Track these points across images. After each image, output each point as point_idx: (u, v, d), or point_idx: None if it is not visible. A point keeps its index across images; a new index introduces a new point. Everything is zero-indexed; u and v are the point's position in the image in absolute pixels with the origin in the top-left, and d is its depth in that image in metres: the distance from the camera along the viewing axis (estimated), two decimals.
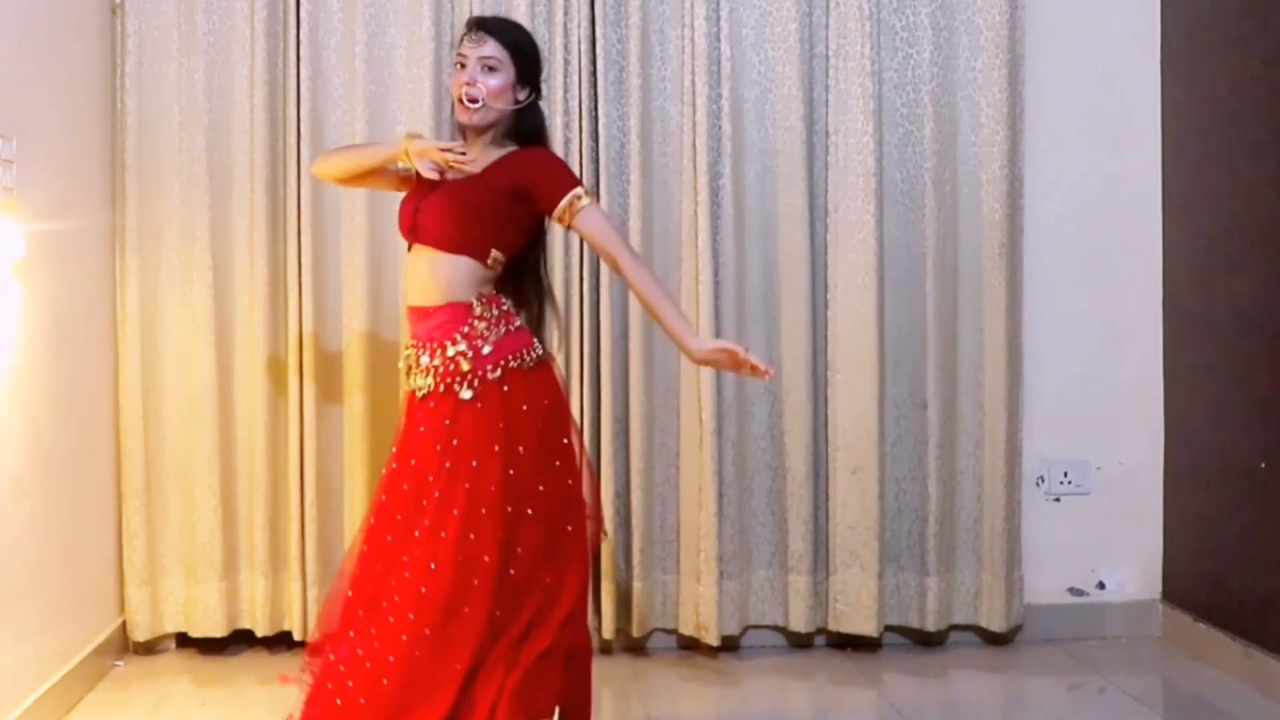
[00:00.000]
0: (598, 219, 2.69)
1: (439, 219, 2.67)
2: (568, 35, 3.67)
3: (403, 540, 2.63)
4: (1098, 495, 3.91)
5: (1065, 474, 3.90)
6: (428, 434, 2.66)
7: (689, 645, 3.77)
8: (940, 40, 3.74)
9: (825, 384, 3.75)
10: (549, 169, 2.71)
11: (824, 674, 3.63)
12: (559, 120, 3.65)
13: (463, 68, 2.69)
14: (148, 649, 3.71)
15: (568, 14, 3.67)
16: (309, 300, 3.66)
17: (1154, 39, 3.89)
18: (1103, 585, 3.93)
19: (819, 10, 3.73)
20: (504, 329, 2.67)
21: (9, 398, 2.96)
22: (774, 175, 3.73)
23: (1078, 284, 3.89)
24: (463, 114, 2.69)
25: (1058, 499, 3.91)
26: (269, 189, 3.65)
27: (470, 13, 3.64)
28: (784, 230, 3.73)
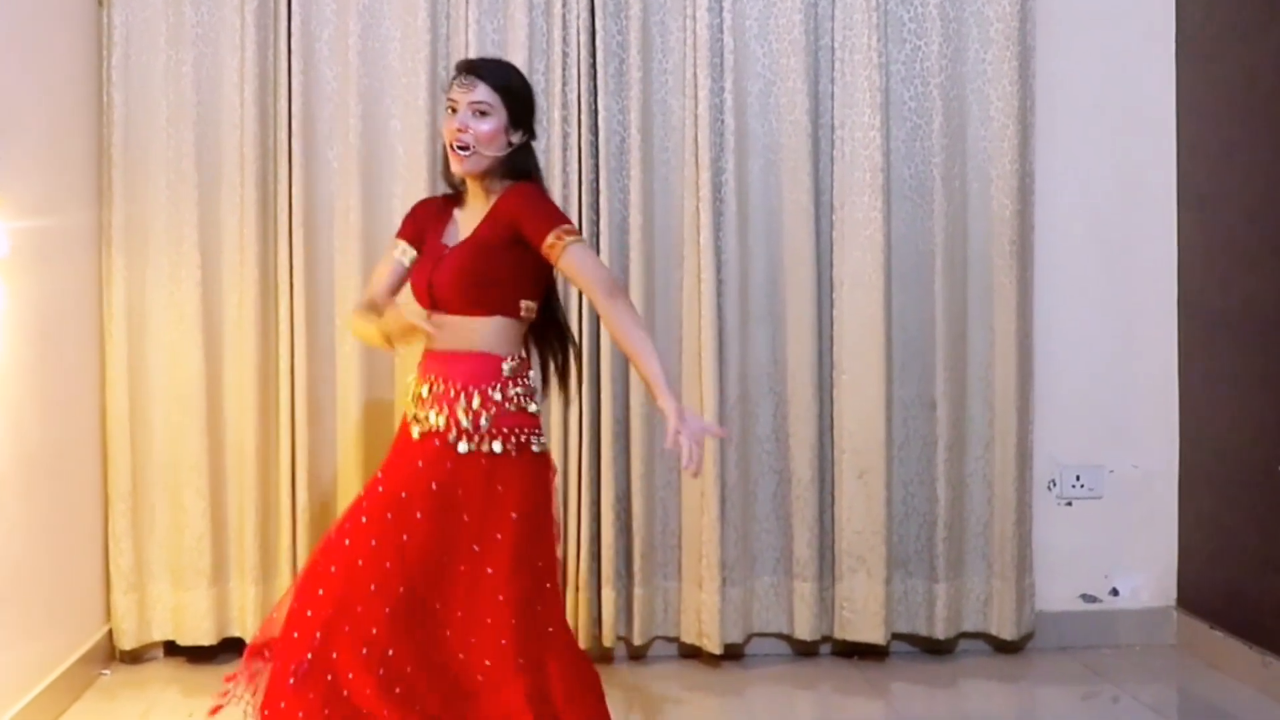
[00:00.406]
0: (584, 258, 2.62)
1: (457, 291, 2.65)
2: (566, 26, 3.64)
3: (372, 563, 2.57)
4: (1111, 499, 3.90)
5: (1078, 477, 3.89)
6: (424, 472, 2.61)
7: (691, 654, 3.75)
8: (949, 32, 3.73)
9: (831, 385, 3.74)
10: (534, 204, 2.67)
11: (830, 683, 3.61)
12: (557, 114, 3.63)
13: (454, 113, 2.67)
14: (135, 657, 3.70)
15: (566, 5, 3.65)
16: (300, 300, 3.64)
17: (1169, 30, 3.87)
18: (1116, 592, 3.91)
19: (824, 1, 3.71)
20: (527, 403, 2.66)
21: None
22: (778, 171, 3.72)
23: (1090, 282, 3.88)
24: (455, 163, 2.67)
25: (1070, 503, 3.90)
26: (259, 185, 3.63)
27: (467, 4, 3.67)
28: (788, 227, 3.71)
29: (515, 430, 2.63)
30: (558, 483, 2.93)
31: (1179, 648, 3.84)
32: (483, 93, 2.66)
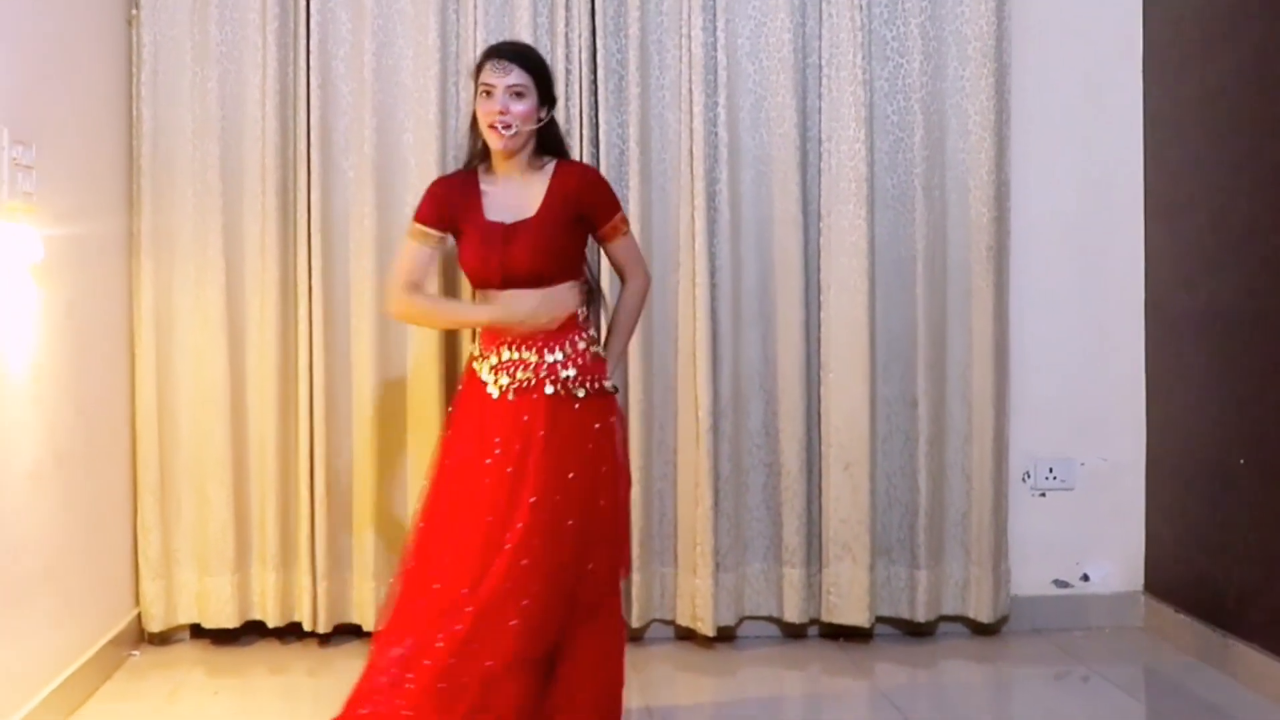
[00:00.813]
0: (634, 246, 2.95)
1: (535, 268, 2.79)
2: (569, 45, 3.66)
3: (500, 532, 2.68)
4: (1082, 490, 3.91)
5: (1051, 470, 3.90)
6: (517, 430, 2.72)
7: (686, 636, 3.76)
8: (929, 50, 3.73)
9: (818, 383, 3.74)
10: (600, 189, 2.90)
11: (817, 664, 3.62)
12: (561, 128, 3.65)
13: (489, 95, 2.78)
14: (162, 640, 3.71)
15: (569, 24, 3.66)
16: (319, 302, 3.65)
17: (1136, 49, 3.89)
18: (1087, 577, 3.92)
19: (812, 21, 3.72)
20: (598, 348, 2.85)
21: (28, 397, 2.95)
22: (769, 181, 3.72)
23: (1063, 285, 3.89)
24: (497, 140, 2.79)
25: (1043, 494, 3.90)
26: (280, 194, 3.64)
27: (475, 25, 3.65)
28: (778, 234, 3.72)
29: (594, 375, 2.79)
30: None
31: (1146, 630, 3.85)
32: (517, 76, 2.78)
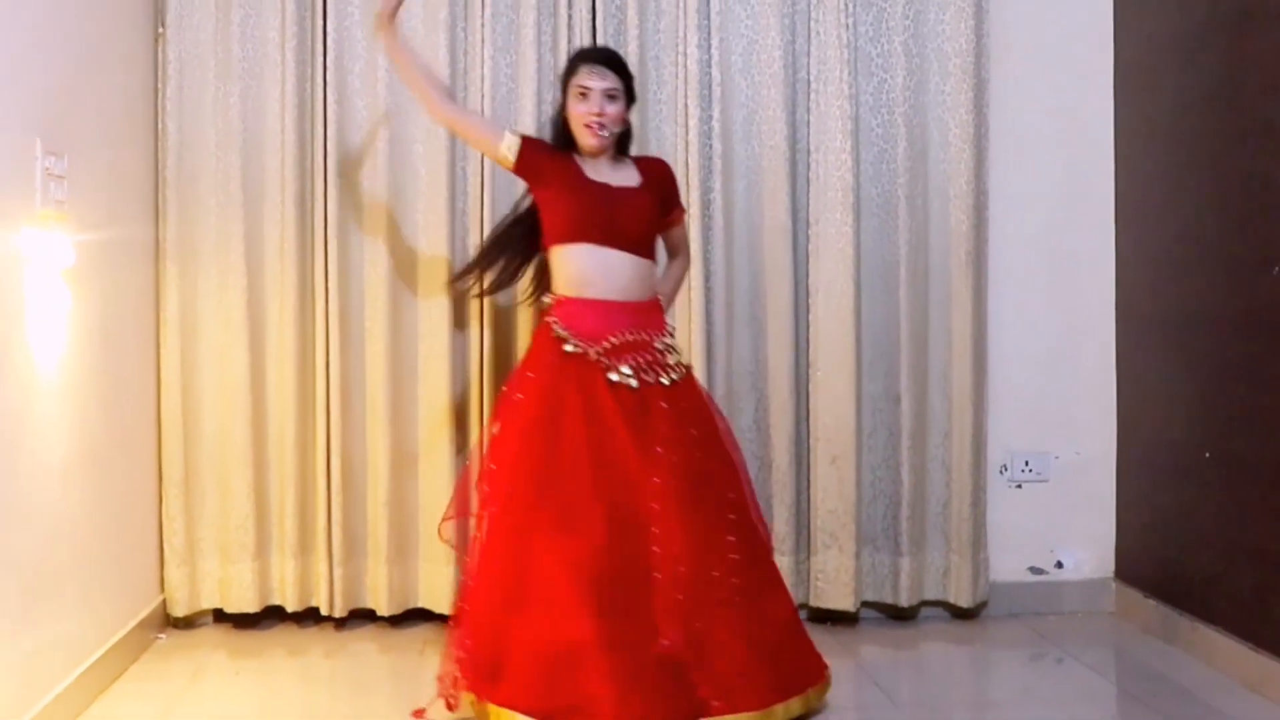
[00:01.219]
0: (686, 233, 3.26)
1: (638, 228, 2.92)
2: None
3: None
4: (1056, 482, 3.92)
5: (1026, 463, 3.91)
6: (662, 414, 2.85)
7: None
8: (912, 66, 3.75)
9: (807, 381, 3.76)
10: (674, 182, 3.14)
11: None
12: None
13: (584, 97, 2.88)
14: (187, 624, 3.72)
15: (571, 42, 3.67)
16: (334, 304, 3.66)
17: (1107, 67, 3.90)
18: (1061, 565, 3.94)
19: (801, 39, 3.74)
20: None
21: (59, 395, 2.96)
22: (760, 190, 3.74)
23: (1038, 289, 3.90)
24: (592, 139, 2.92)
25: (1020, 486, 3.92)
26: (298, 203, 3.66)
27: (482, 42, 3.66)
28: (769, 241, 3.73)
29: (678, 355, 2.97)
30: None
31: (1117, 615, 3.87)
32: (613, 80, 2.92)
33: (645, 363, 2.88)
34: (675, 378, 2.92)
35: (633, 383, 2.85)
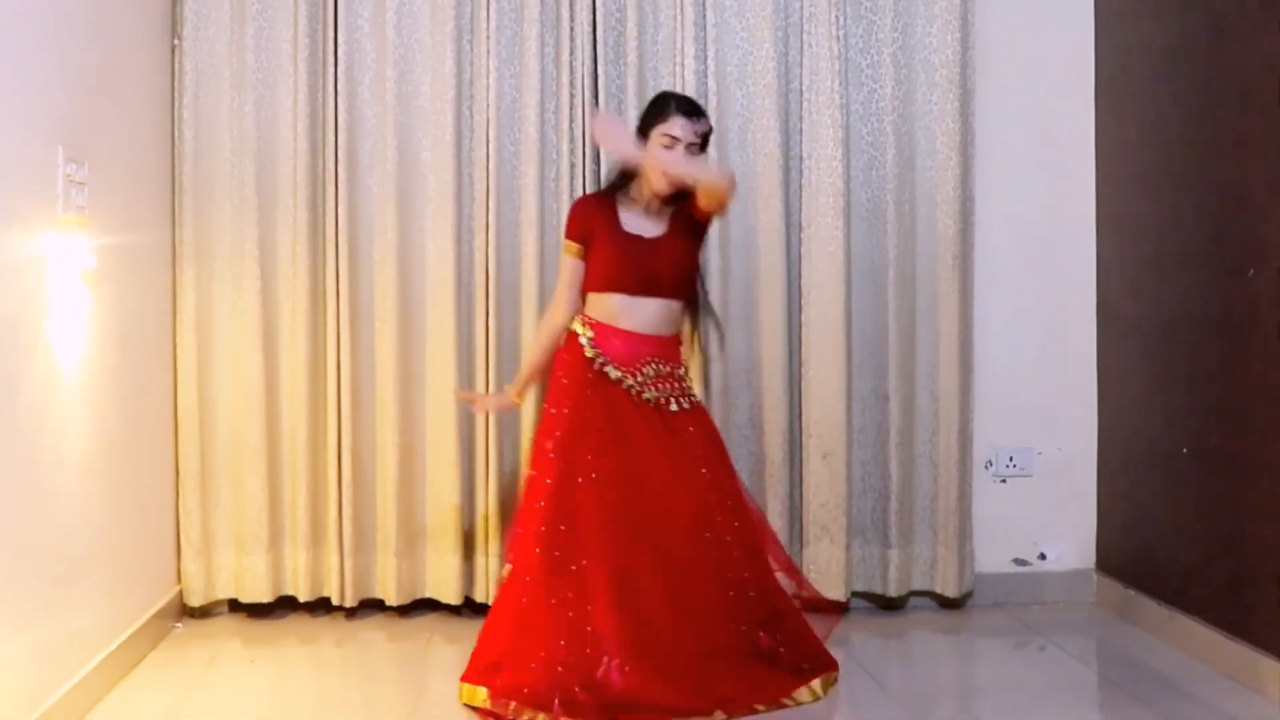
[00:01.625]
0: (702, 163, 3.04)
1: (673, 274, 2.92)
2: (573, 72, 3.68)
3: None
4: (1039, 477, 3.92)
5: (1011, 458, 3.91)
6: (683, 437, 2.92)
7: None
8: (901, 77, 3.75)
9: (799, 379, 3.76)
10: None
11: None
12: (565, 148, 3.67)
13: (670, 147, 2.85)
14: (203, 613, 3.72)
15: (573, 53, 3.68)
16: (345, 307, 3.66)
17: (1089, 77, 3.90)
18: (1044, 556, 3.94)
19: (794, 51, 3.74)
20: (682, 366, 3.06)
21: (80, 393, 2.96)
22: (754, 196, 3.73)
23: (1022, 291, 3.89)
24: (668, 188, 2.88)
25: (1004, 480, 3.92)
26: (310, 208, 3.65)
27: (488, 54, 3.65)
28: (763, 245, 3.73)
29: (690, 388, 3.01)
30: None
31: (1098, 605, 3.87)
32: (698, 136, 2.89)
33: (670, 389, 2.94)
34: (687, 406, 3.00)
35: (671, 406, 2.94)
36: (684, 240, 2.96)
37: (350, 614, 3.72)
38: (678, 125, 2.84)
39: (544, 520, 2.87)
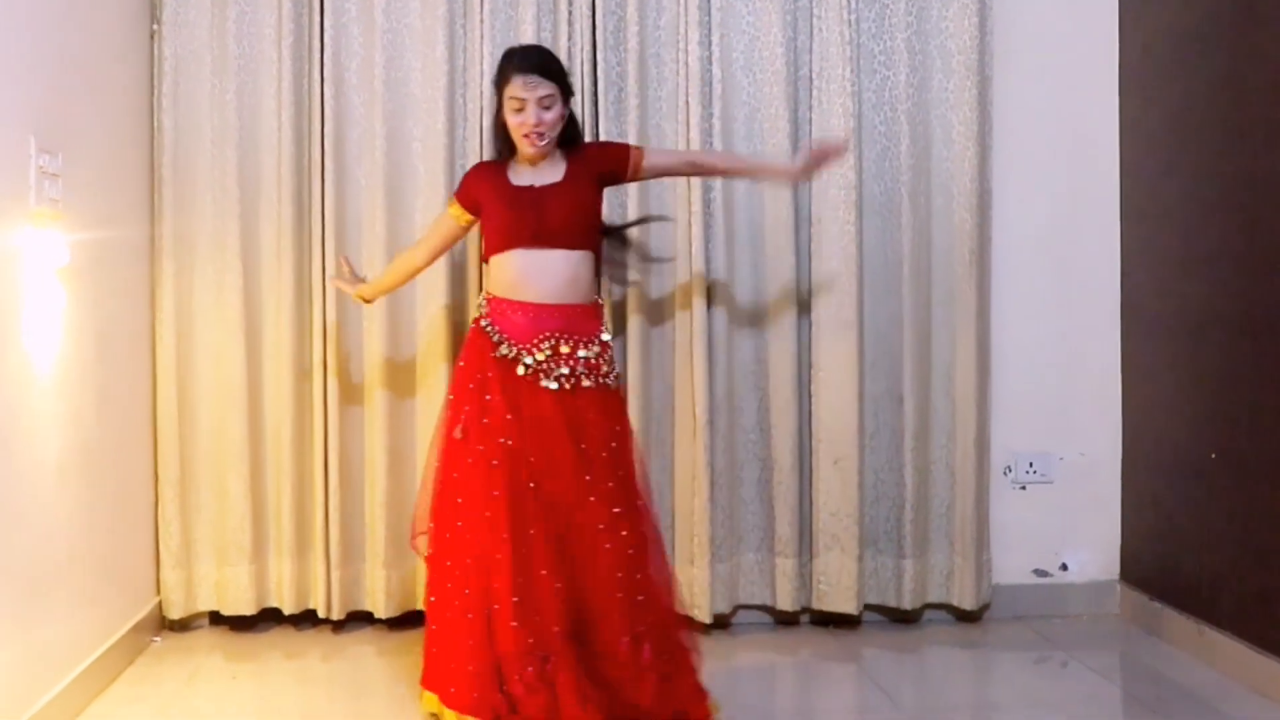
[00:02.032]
0: (660, 149, 3.16)
1: (566, 219, 2.87)
2: (571, 58, 3.66)
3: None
4: (1061, 483, 3.91)
5: (1031, 464, 3.90)
6: (575, 420, 2.84)
7: None
8: (915, 64, 3.74)
9: (809, 381, 3.75)
10: (608, 146, 3.12)
11: (808, 649, 3.63)
12: None
13: (520, 110, 2.84)
14: (182, 626, 3.71)
15: (571, 39, 3.67)
16: (332, 304, 3.65)
17: (1112, 63, 3.89)
18: (1065, 567, 3.93)
19: (803, 36, 3.73)
20: (609, 337, 2.97)
21: (54, 394, 2.96)
22: (762, 188, 3.72)
23: (1043, 288, 3.89)
24: (530, 147, 2.89)
25: (1024, 487, 3.91)
26: (295, 201, 3.65)
27: (481, 39, 3.65)
28: (771, 239, 3.73)
29: (611, 365, 2.94)
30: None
31: (1122, 617, 3.86)
32: (547, 87, 2.85)
33: (577, 366, 2.87)
34: (590, 384, 2.89)
35: (552, 385, 2.86)
36: (581, 186, 2.92)
37: (337, 627, 3.72)
38: (519, 86, 2.84)
39: (445, 516, 2.90)
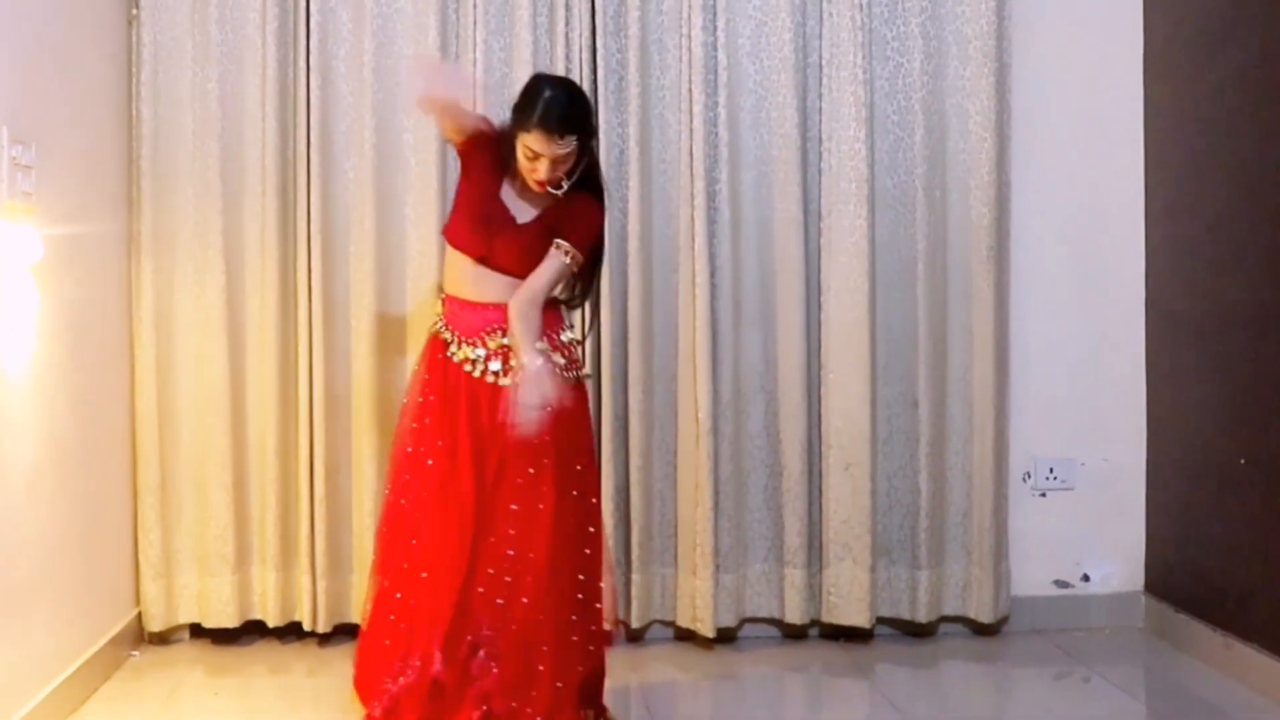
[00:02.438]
0: (546, 269, 2.82)
1: (511, 261, 2.85)
2: (569, 45, 3.66)
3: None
4: (1083, 490, 3.91)
5: (1051, 470, 3.90)
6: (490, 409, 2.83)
7: (686, 636, 3.76)
8: (930, 50, 3.74)
9: (819, 384, 3.74)
10: (577, 220, 2.85)
11: (818, 665, 3.63)
12: None
13: (533, 159, 2.75)
14: (162, 639, 3.71)
15: (569, 24, 3.66)
16: (319, 303, 3.65)
17: (1137, 49, 3.89)
18: (1087, 578, 3.92)
19: (813, 21, 3.72)
20: (558, 336, 2.91)
21: (27, 397, 2.95)
22: (769, 182, 3.72)
23: (1064, 286, 3.89)
24: (537, 188, 2.81)
25: (1044, 494, 3.91)
26: (280, 195, 3.65)
27: (475, 24, 3.65)
28: (779, 235, 3.72)
29: (573, 364, 2.93)
30: None
31: (1146, 631, 3.86)
32: (568, 145, 2.76)
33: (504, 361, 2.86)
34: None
35: (500, 380, 2.85)
36: (541, 241, 2.85)
37: (323, 640, 3.71)
38: (540, 141, 2.74)
39: (393, 522, 2.95)
